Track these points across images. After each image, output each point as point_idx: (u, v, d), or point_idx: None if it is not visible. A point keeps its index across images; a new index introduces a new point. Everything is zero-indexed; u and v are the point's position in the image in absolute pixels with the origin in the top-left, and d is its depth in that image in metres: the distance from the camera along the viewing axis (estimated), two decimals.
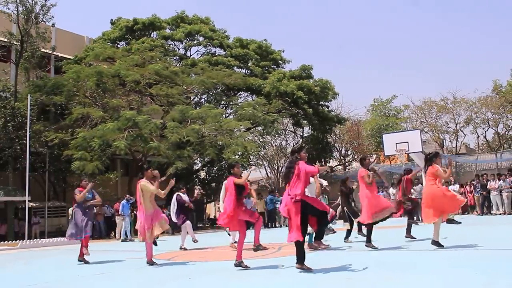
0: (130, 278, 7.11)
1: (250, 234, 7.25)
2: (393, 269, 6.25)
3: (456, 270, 5.89)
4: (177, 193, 11.69)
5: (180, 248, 11.11)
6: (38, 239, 18.09)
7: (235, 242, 10.19)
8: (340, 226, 11.89)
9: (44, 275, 8.11)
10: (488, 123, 34.06)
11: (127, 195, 18.53)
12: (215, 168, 29.67)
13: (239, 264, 6.90)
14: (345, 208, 10.66)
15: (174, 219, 11.61)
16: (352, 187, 10.94)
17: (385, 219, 8.67)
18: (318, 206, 6.42)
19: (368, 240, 8.58)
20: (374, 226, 8.68)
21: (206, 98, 29.38)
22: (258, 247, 6.99)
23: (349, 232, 10.57)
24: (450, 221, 8.39)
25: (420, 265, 6.51)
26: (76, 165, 18.94)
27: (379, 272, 6.06)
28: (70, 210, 19.37)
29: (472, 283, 5.05)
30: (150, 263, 8.18)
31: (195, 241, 11.29)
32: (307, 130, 34.05)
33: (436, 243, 7.88)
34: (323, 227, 6.70)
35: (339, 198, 11.17)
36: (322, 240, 6.87)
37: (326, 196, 10.83)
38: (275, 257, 8.37)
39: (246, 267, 6.86)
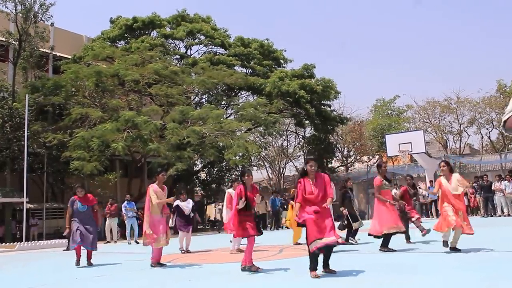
0: (130, 281, 7.01)
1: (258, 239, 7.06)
2: (396, 272, 6.18)
3: (460, 273, 5.84)
4: (176, 201, 11.30)
5: (185, 251, 10.88)
6: (36, 241, 17.87)
7: (237, 249, 9.94)
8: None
9: (42, 277, 8.00)
10: (492, 124, 33.76)
11: (128, 196, 18.11)
12: (215, 169, 29.43)
13: (244, 268, 6.71)
14: (344, 210, 10.31)
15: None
16: (349, 186, 10.57)
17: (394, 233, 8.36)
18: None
19: (384, 245, 8.37)
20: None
21: (206, 98, 29.13)
22: (248, 267, 6.62)
23: (354, 232, 10.26)
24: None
25: (424, 268, 6.43)
26: (75, 164, 18.81)
27: (382, 274, 6.00)
28: None
29: (476, 285, 5.00)
30: (154, 265, 8.02)
31: (182, 250, 10.95)
32: (308, 131, 33.83)
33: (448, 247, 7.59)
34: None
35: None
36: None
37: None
38: (277, 259, 8.30)
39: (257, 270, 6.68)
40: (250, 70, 29.31)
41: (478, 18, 69.49)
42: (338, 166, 36.80)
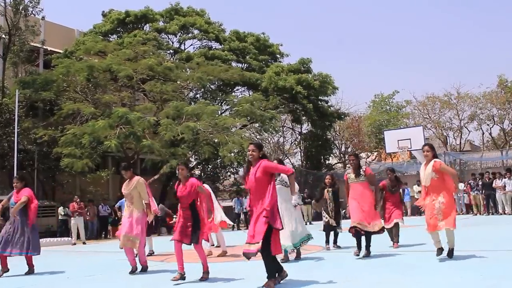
0: (122, 280, 6.97)
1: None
2: (396, 271, 6.16)
3: (460, 272, 5.78)
4: None
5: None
6: None
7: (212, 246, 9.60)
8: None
9: (33, 277, 7.81)
10: (493, 119, 33.35)
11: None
12: (210, 166, 29.04)
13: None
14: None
15: None
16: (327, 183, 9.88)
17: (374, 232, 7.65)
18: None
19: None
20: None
21: (201, 94, 28.66)
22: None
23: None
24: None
25: (423, 268, 6.36)
26: (65, 162, 18.43)
27: (381, 274, 5.98)
28: (60, 210, 18.87)
29: (476, 285, 5.00)
30: (134, 269, 7.32)
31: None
32: (305, 127, 33.41)
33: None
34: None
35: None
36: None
37: None
38: None
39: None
40: (245, 65, 28.83)
41: (478, 12, 68.98)
42: (335, 163, 36.37)
